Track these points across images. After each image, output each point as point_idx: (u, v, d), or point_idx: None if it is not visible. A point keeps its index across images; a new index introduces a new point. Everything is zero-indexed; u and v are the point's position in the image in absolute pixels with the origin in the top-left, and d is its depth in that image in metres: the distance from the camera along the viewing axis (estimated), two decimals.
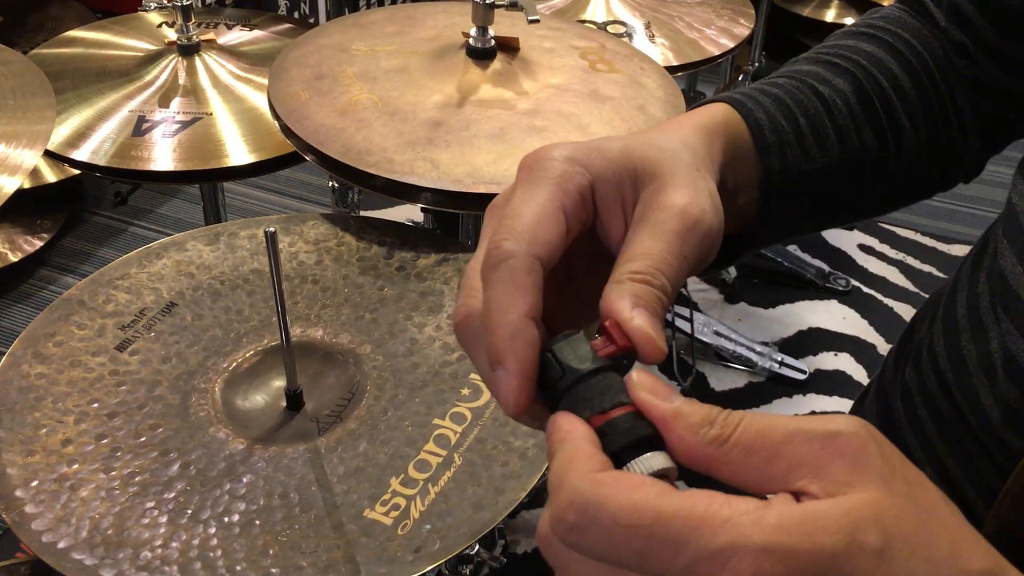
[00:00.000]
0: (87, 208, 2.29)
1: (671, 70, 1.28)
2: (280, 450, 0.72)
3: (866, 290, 2.17)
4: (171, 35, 1.22)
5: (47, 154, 0.93)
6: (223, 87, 1.16)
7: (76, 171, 1.09)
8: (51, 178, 2.05)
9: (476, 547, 1.25)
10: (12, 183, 0.78)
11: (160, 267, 0.88)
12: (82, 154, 1.04)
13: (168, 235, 0.91)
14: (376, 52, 1.03)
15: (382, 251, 0.91)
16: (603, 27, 1.35)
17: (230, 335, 0.83)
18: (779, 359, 1.92)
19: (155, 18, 1.31)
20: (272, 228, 0.67)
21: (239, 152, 1.06)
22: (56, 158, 1.04)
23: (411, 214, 2.21)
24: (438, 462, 0.71)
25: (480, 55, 1.00)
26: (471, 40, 1.00)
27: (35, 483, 0.68)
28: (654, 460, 0.30)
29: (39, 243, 2.08)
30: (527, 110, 0.94)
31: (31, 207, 2.11)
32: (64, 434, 0.72)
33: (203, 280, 0.87)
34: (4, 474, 0.68)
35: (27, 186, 1.97)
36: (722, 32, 1.43)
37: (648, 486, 0.28)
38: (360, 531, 0.65)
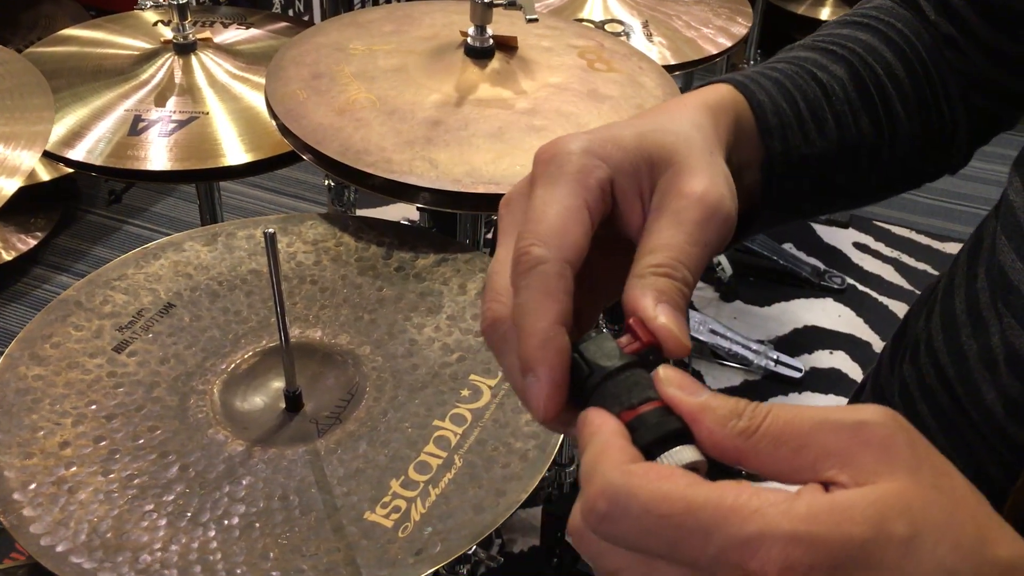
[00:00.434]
0: (81, 206, 2.28)
1: (669, 69, 1.27)
2: (279, 452, 0.72)
3: (861, 288, 2.18)
4: (167, 33, 1.22)
5: (43, 154, 0.92)
6: (220, 86, 1.15)
7: (70, 169, 1.08)
8: (45, 176, 2.04)
9: (473, 547, 1.25)
10: (11, 185, 0.78)
11: (157, 268, 0.87)
12: (78, 153, 1.03)
13: (163, 234, 0.90)
14: (374, 51, 1.03)
15: (381, 251, 0.91)
16: (601, 26, 1.34)
17: (228, 336, 0.82)
18: (775, 357, 1.93)
19: (151, 16, 1.30)
20: (271, 229, 0.67)
21: (235, 151, 1.05)
22: (52, 158, 1.03)
23: (407, 212, 2.21)
24: (438, 464, 0.70)
25: (478, 54, 1.00)
26: (469, 39, 1.00)
27: (33, 486, 0.67)
28: (684, 453, 0.31)
29: (33, 242, 2.08)
30: (526, 109, 0.94)
31: (25, 205, 2.10)
32: (62, 436, 0.71)
33: (201, 281, 0.87)
34: (2, 477, 0.67)
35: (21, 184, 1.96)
36: (719, 31, 1.42)
37: (678, 477, 0.29)
38: (360, 533, 0.65)
